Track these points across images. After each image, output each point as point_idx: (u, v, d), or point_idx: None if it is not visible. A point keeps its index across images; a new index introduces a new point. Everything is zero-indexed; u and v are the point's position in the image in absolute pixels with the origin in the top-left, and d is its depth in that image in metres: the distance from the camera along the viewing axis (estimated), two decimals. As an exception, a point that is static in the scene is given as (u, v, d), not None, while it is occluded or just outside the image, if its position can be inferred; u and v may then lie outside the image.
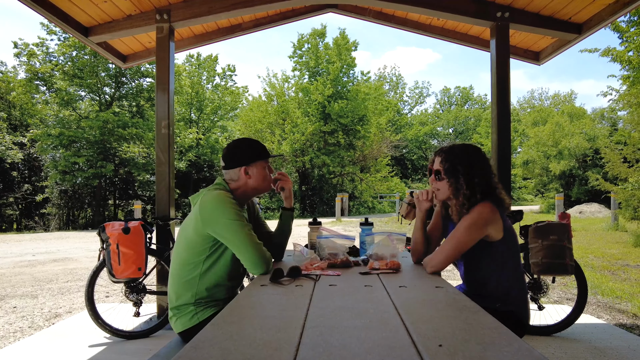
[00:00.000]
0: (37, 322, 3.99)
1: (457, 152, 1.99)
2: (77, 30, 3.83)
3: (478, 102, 47.17)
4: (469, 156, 1.98)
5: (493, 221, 1.86)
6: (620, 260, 7.01)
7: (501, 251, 1.92)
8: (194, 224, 1.90)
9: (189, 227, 1.92)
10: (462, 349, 0.94)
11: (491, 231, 1.87)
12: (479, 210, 1.85)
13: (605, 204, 17.11)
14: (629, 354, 2.91)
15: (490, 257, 1.93)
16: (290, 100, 24.95)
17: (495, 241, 1.90)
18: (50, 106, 20.18)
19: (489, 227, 1.86)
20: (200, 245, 1.90)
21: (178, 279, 1.95)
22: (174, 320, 1.97)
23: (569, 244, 2.93)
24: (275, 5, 3.79)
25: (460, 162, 1.95)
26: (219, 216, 1.84)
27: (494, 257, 1.93)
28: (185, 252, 1.93)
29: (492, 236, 1.89)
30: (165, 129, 3.72)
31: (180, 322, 1.95)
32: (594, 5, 3.62)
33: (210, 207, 1.86)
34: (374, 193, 26.36)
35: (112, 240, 3.07)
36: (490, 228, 1.86)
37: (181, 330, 1.96)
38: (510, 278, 1.95)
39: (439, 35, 4.57)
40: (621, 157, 10.88)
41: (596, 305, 4.40)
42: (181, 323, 1.95)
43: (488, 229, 1.86)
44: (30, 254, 8.87)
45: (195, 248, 1.91)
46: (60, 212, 21.17)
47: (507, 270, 1.95)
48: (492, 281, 1.95)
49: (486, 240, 1.90)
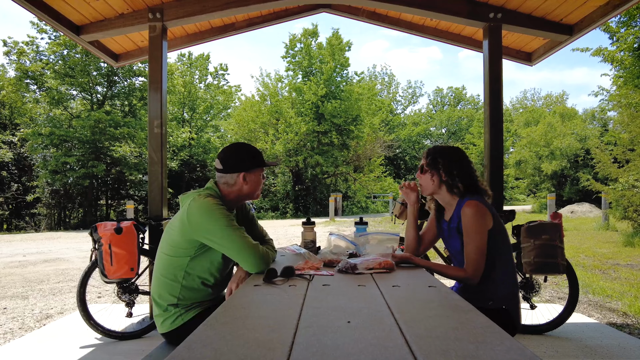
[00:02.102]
0: (27, 323, 3.95)
1: (438, 148, 2.18)
2: (68, 29, 3.79)
3: (471, 102, 47.40)
4: (448, 152, 2.15)
5: (484, 213, 1.97)
6: (610, 260, 7.09)
7: (492, 242, 1.97)
8: (180, 227, 1.88)
9: (175, 229, 1.91)
10: (454, 347, 0.94)
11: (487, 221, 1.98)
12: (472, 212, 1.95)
13: (596, 203, 17.28)
14: (619, 352, 2.94)
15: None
16: (284, 100, 24.89)
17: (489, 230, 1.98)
18: (40, 105, 19.97)
19: (486, 218, 1.97)
20: (185, 248, 1.90)
21: (161, 280, 1.94)
22: (159, 322, 1.97)
23: (560, 244, 2.96)
24: (268, 4, 3.78)
25: (440, 155, 2.13)
26: (211, 224, 1.83)
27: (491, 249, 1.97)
28: (169, 254, 1.93)
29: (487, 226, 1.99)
30: (158, 129, 3.70)
31: (164, 324, 1.95)
32: (585, 7, 3.65)
33: (200, 215, 1.84)
34: (368, 193, 26.41)
35: (104, 241, 3.04)
36: (487, 217, 1.97)
37: (165, 332, 1.96)
38: (502, 274, 1.99)
39: (432, 36, 4.59)
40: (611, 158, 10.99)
41: (587, 304, 4.44)
42: (165, 325, 1.95)
43: (487, 221, 1.97)
44: (21, 254, 8.78)
45: (180, 250, 1.90)
46: (51, 212, 20.97)
47: (498, 265, 1.99)
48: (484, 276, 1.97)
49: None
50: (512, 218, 3.42)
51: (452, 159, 2.10)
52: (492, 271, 1.98)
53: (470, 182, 2.06)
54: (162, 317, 1.95)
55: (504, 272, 2.00)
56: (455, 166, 2.08)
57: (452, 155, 2.12)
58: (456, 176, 2.06)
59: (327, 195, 23.18)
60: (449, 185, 2.07)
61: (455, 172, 2.07)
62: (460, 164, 2.09)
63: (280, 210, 23.73)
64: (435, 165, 2.11)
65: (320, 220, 16.84)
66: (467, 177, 2.07)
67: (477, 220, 1.94)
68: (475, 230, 1.94)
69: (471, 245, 1.95)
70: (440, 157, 2.11)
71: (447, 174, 2.07)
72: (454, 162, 2.09)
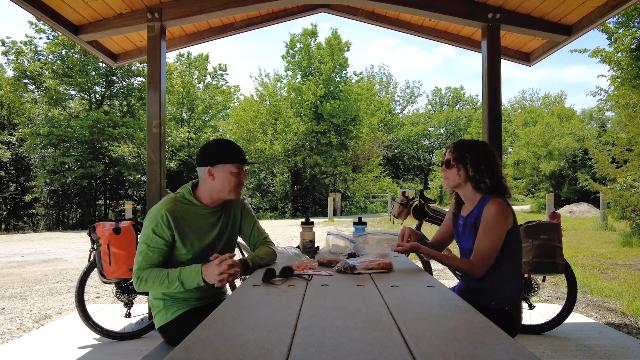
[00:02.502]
0: (25, 323, 3.95)
1: (465, 143, 2.13)
2: (66, 29, 3.78)
3: (469, 102, 47.45)
4: (476, 146, 2.10)
5: (508, 213, 1.95)
6: (609, 260, 7.10)
7: (507, 242, 1.96)
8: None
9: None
10: (453, 347, 0.94)
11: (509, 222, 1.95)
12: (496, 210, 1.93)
13: (595, 204, 17.31)
14: (617, 352, 2.94)
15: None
16: (283, 100, 24.88)
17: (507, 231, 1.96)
18: (39, 105, 19.93)
19: (508, 219, 1.94)
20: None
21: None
22: (155, 317, 2.04)
23: (559, 244, 2.96)
24: (267, 4, 3.78)
25: (468, 150, 2.08)
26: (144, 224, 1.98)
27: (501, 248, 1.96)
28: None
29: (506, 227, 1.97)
30: (157, 129, 3.69)
31: (157, 318, 2.02)
32: (583, 7, 3.66)
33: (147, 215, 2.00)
34: (366, 193, 26.41)
35: (102, 241, 3.04)
36: (509, 219, 1.95)
37: (159, 327, 2.02)
38: (509, 275, 1.98)
39: (431, 36, 4.59)
40: (609, 158, 11.01)
41: (585, 303, 4.45)
42: (158, 319, 2.02)
43: (508, 221, 1.94)
44: (19, 254, 8.76)
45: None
46: (49, 212, 20.93)
47: (506, 264, 1.98)
48: (489, 272, 1.97)
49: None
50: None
51: (481, 154, 2.06)
52: (499, 272, 1.96)
53: (496, 179, 2.03)
54: (155, 311, 2.04)
55: (512, 273, 1.99)
56: (483, 161, 2.04)
57: (480, 151, 2.07)
58: (484, 172, 2.02)
59: (325, 195, 23.18)
60: (476, 180, 2.03)
61: (483, 167, 2.03)
62: (487, 159, 2.05)
63: (279, 211, 23.73)
64: (462, 159, 2.06)
65: (319, 220, 16.84)
66: (494, 174, 2.03)
67: (499, 219, 1.91)
68: (495, 228, 1.92)
69: (487, 241, 1.93)
70: (468, 152, 2.06)
71: (475, 169, 2.03)
72: (482, 157, 2.05)
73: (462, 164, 2.06)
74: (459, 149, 2.09)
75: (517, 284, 2.01)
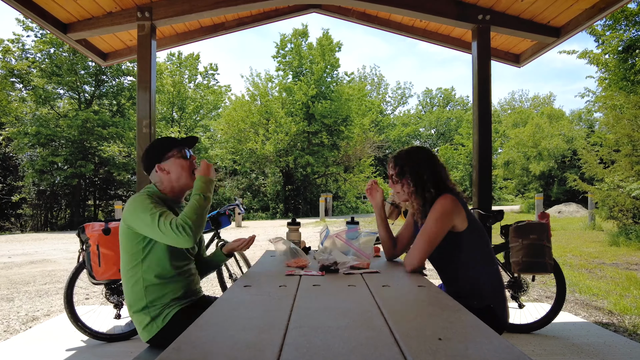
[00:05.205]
0: (13, 325, 3.89)
1: (403, 155, 2.12)
2: (55, 27, 3.74)
3: (460, 103, 47.79)
4: (414, 155, 2.09)
5: (456, 211, 1.93)
6: (596, 259, 7.19)
7: (468, 241, 1.96)
8: (122, 229, 1.90)
9: (121, 235, 1.91)
10: (443, 346, 0.95)
11: (457, 221, 1.94)
12: (441, 203, 1.93)
13: (583, 204, 17.53)
14: (605, 350, 2.98)
15: (459, 248, 1.97)
16: (274, 100, 24.84)
17: (462, 232, 1.96)
18: (26, 104, 19.66)
19: (454, 216, 1.93)
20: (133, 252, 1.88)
21: (127, 287, 1.92)
22: (140, 331, 1.92)
23: (548, 243, 2.99)
24: (258, 4, 3.77)
25: (406, 162, 2.08)
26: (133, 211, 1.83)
27: (463, 249, 1.97)
28: (125, 265, 1.91)
29: (458, 227, 1.95)
30: (147, 128, 3.67)
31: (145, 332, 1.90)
32: (572, 10, 3.71)
33: (130, 205, 1.86)
34: (358, 193, 26.47)
35: (92, 242, 3.00)
36: (456, 218, 1.93)
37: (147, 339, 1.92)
38: (482, 271, 1.98)
39: (421, 37, 4.62)
40: (597, 159, 11.15)
41: (574, 302, 4.50)
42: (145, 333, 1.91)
43: (454, 219, 1.93)
44: (6, 255, 8.64)
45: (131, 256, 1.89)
46: (37, 212, 20.66)
47: (478, 263, 1.98)
48: (463, 275, 1.98)
49: (453, 231, 1.95)
50: (501, 218, 3.45)
51: (420, 162, 2.05)
52: (474, 272, 1.97)
53: (441, 186, 2.02)
54: (141, 326, 1.90)
55: (485, 270, 1.98)
56: (424, 170, 2.03)
57: (419, 159, 2.07)
58: (427, 181, 2.01)
59: (317, 195, 23.18)
60: (421, 191, 2.02)
61: (425, 176, 2.02)
62: (428, 167, 2.04)
63: (271, 211, 23.68)
64: (403, 174, 2.06)
65: (311, 220, 16.83)
66: (438, 180, 2.02)
67: (443, 212, 1.90)
68: (435, 219, 1.90)
69: (422, 233, 1.93)
70: (407, 165, 2.06)
71: (417, 181, 2.02)
72: (422, 166, 2.04)
73: (404, 179, 2.07)
74: (398, 163, 2.09)
75: (493, 280, 1.99)
